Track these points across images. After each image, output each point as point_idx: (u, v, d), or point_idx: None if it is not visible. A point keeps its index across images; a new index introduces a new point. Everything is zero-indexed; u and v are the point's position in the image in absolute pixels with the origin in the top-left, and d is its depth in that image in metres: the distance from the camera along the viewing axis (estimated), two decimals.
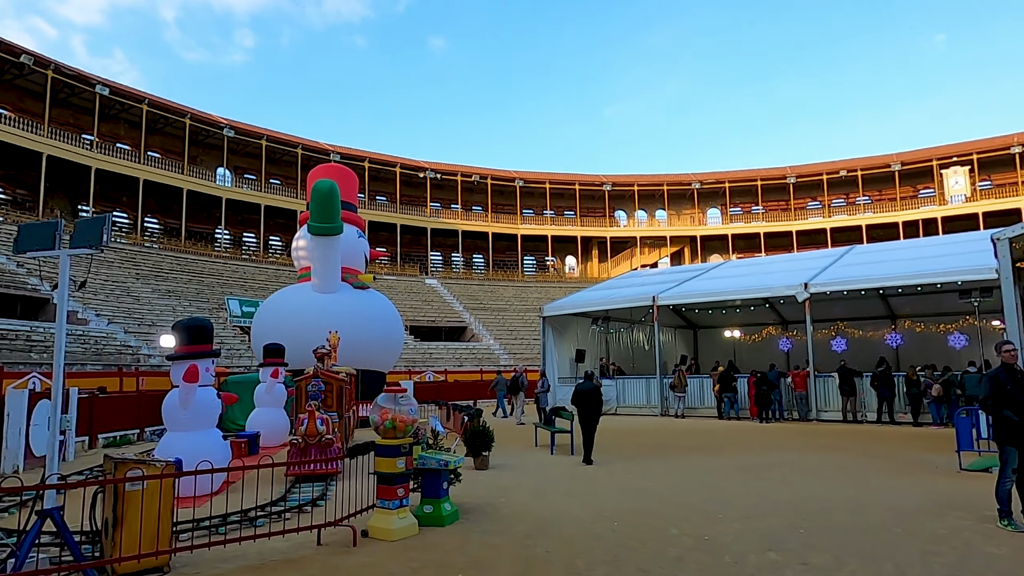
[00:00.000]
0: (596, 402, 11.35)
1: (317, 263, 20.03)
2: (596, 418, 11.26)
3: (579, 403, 11.37)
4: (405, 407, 6.38)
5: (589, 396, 11.37)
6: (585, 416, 11.25)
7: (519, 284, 51.77)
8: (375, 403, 6.44)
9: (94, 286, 27.84)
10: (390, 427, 6.26)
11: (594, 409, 11.25)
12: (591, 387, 11.54)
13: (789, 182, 53.10)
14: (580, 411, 11.35)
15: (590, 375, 12.24)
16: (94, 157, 35.42)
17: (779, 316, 28.08)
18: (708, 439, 14.58)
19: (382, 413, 6.31)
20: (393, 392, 6.46)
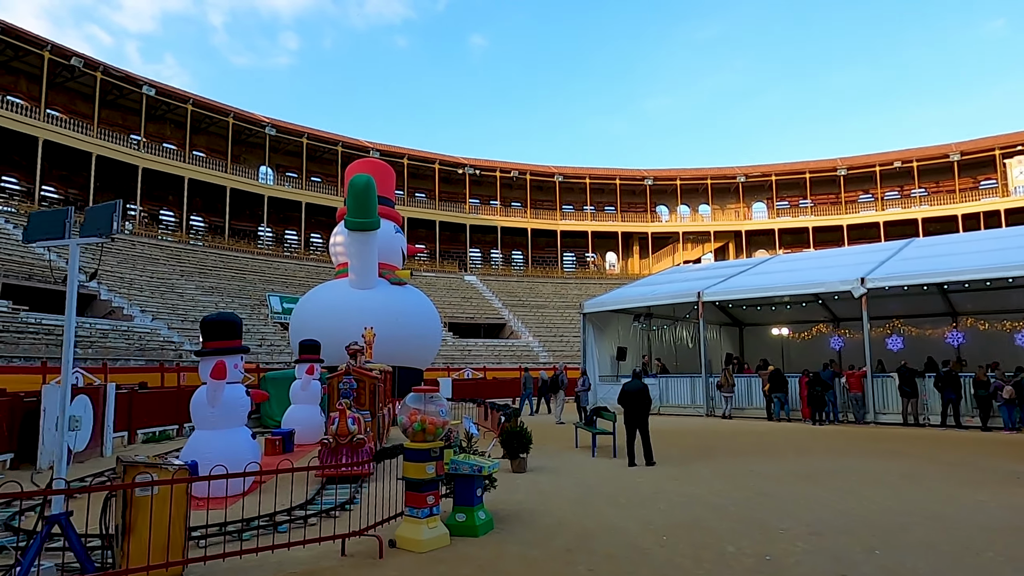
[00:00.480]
0: (644, 402, 10.83)
1: (354, 258, 19.85)
2: (645, 419, 10.77)
3: (626, 403, 10.87)
4: (435, 408, 5.92)
5: (637, 396, 10.85)
6: (633, 417, 10.76)
7: (558, 281, 51.13)
8: (403, 403, 6.00)
9: (140, 282, 28.34)
10: (419, 429, 5.81)
11: (642, 410, 10.75)
12: (639, 386, 11.00)
13: (840, 174, 51.13)
14: (627, 411, 10.84)
15: (638, 374, 11.67)
16: (141, 157, 36.16)
17: (830, 313, 26.92)
18: (759, 442, 13.80)
19: (410, 414, 5.87)
20: (422, 391, 6.00)
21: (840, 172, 51.08)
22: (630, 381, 11.28)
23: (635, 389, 10.92)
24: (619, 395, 11.06)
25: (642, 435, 10.68)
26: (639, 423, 10.70)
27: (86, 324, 21.44)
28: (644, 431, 10.70)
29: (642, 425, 10.69)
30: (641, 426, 10.68)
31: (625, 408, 10.88)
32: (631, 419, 10.73)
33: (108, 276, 27.11)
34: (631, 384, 11.11)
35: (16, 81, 33.93)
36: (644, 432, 10.68)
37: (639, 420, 10.70)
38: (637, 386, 10.99)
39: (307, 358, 14.96)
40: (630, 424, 10.75)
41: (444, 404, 6.02)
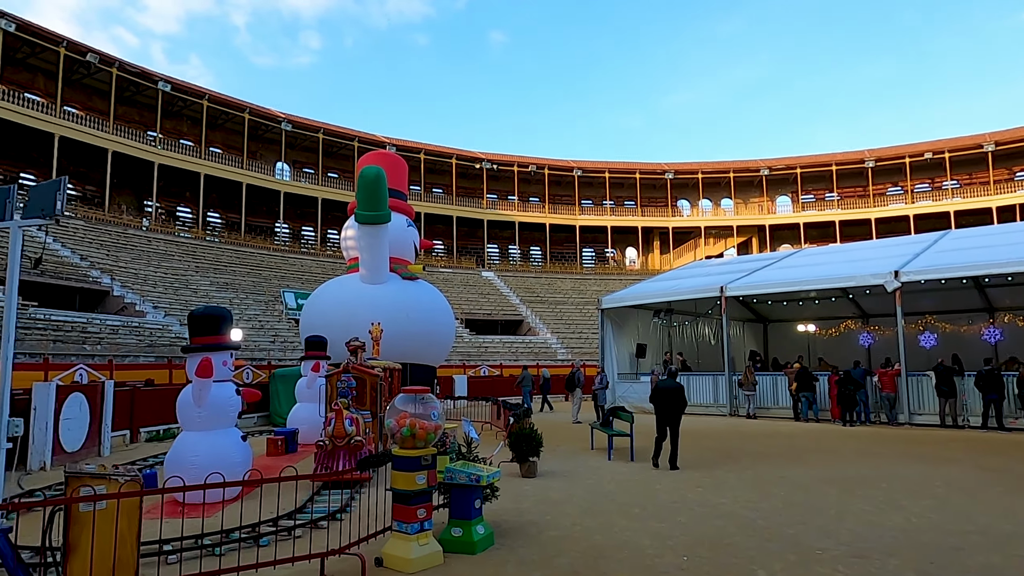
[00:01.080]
0: (679, 402, 10.30)
1: (364, 253, 19.30)
2: (678, 420, 10.26)
3: (659, 402, 10.35)
4: (427, 410, 5.29)
5: (671, 395, 10.30)
6: (665, 417, 10.25)
7: (577, 276, 50.31)
8: (391, 405, 5.38)
9: (153, 278, 28.16)
10: (408, 435, 5.19)
11: (677, 410, 10.23)
12: (674, 386, 10.44)
13: (867, 166, 49.61)
14: (660, 411, 10.33)
15: (673, 372, 11.06)
16: (158, 153, 36.07)
17: (859, 309, 25.94)
18: (787, 444, 13.00)
19: (399, 417, 5.25)
20: (412, 392, 5.38)
21: (868, 164, 49.57)
22: (664, 379, 10.77)
23: (670, 388, 10.41)
24: (651, 393, 10.61)
25: (672, 437, 10.22)
26: (671, 424, 10.18)
27: (96, 320, 21.20)
28: (675, 433, 10.23)
29: (674, 427, 10.21)
30: (673, 428, 10.20)
31: (657, 407, 10.39)
32: (663, 419, 10.23)
33: (121, 272, 26.95)
34: (665, 383, 10.58)
35: (33, 78, 33.98)
36: (674, 434, 10.22)
37: (672, 421, 10.20)
38: (672, 385, 10.46)
39: (313, 355, 14.49)
40: (661, 424, 10.23)
41: (437, 406, 5.39)
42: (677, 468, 9.93)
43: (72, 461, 11.10)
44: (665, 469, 9.95)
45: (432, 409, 5.32)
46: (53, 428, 10.42)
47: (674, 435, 10.27)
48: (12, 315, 4.76)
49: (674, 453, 10.17)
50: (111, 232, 31.85)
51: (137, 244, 31.87)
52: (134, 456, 12.08)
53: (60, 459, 10.73)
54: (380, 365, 11.54)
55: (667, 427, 10.27)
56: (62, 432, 10.75)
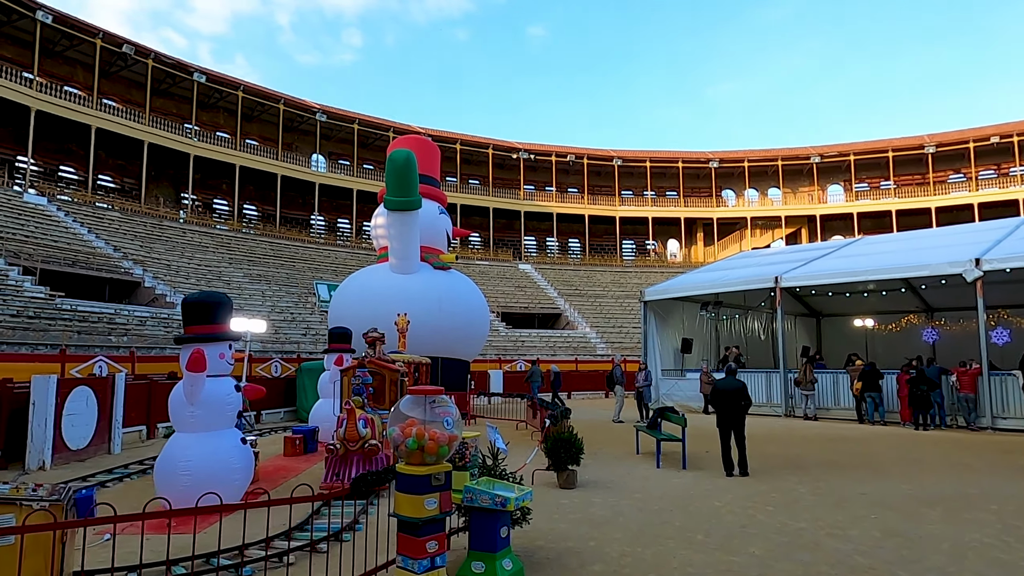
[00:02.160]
0: (742, 403, 9.31)
1: (394, 241, 18.39)
2: (743, 422, 9.29)
3: (721, 404, 9.39)
4: (438, 416, 4.19)
5: (734, 396, 9.33)
6: (728, 420, 9.27)
7: (617, 269, 48.79)
8: (394, 409, 4.30)
9: (186, 270, 27.85)
10: (414, 448, 4.10)
11: (740, 411, 9.28)
12: (736, 385, 9.45)
13: (927, 152, 46.79)
14: (722, 413, 9.36)
15: (733, 370, 10.00)
16: (193, 144, 35.94)
17: (922, 302, 24.07)
18: (858, 451, 11.55)
19: (404, 425, 4.16)
20: (421, 393, 4.29)
21: (928, 150, 46.75)
22: (724, 378, 9.81)
23: (731, 388, 9.44)
24: (711, 394, 9.72)
25: (737, 441, 9.29)
26: (736, 427, 9.27)
27: (124, 311, 20.80)
28: (740, 437, 9.29)
29: (739, 429, 9.28)
30: (738, 431, 9.28)
31: (719, 410, 9.43)
32: (726, 422, 9.29)
33: (154, 264, 26.69)
34: (725, 382, 9.63)
35: (73, 71, 34.11)
36: (740, 438, 9.29)
37: (736, 423, 9.27)
38: (733, 384, 9.47)
39: (336, 347, 13.55)
40: (724, 428, 9.30)
41: (452, 411, 4.28)
42: (747, 474, 9.04)
43: (78, 460, 10.40)
44: (727, 479, 8.72)
45: (445, 414, 4.22)
46: (54, 424, 9.69)
47: (740, 439, 9.31)
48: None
49: (742, 459, 9.21)
50: (146, 223, 31.76)
51: (172, 235, 31.71)
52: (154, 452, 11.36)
53: (63, 457, 10.02)
54: (404, 359, 10.55)
55: (731, 430, 9.28)
56: (65, 429, 10.02)
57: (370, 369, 8.38)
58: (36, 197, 27.90)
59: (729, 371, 10.12)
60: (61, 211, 27.68)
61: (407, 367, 10.48)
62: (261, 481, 8.84)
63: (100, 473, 9.23)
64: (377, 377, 8.51)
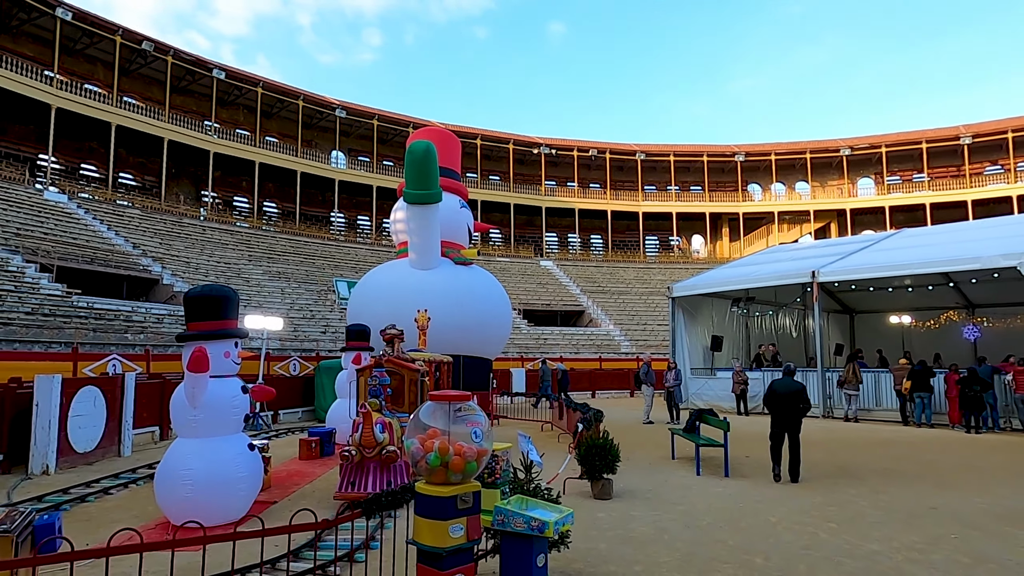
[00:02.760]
0: (801, 406, 8.74)
1: (413, 235, 17.81)
2: (799, 426, 8.77)
3: (777, 407, 8.83)
4: (466, 427, 3.54)
5: (792, 399, 8.73)
6: (784, 425, 8.75)
7: (640, 266, 47.86)
8: (414, 418, 3.66)
9: (206, 267, 27.58)
10: (437, 464, 3.45)
11: (798, 414, 8.72)
12: (794, 386, 8.80)
13: (963, 143, 45.15)
14: (777, 417, 8.83)
15: (791, 370, 9.30)
16: (212, 141, 35.74)
17: (963, 297, 22.98)
18: (912, 456, 10.71)
19: (425, 436, 3.51)
20: (446, 399, 3.64)
21: (963, 141, 45.12)
22: (781, 379, 9.09)
23: (789, 390, 8.80)
24: (766, 396, 9.05)
25: (792, 446, 8.74)
26: (791, 431, 8.76)
27: (141, 309, 20.49)
28: (795, 442, 8.76)
29: (795, 434, 8.77)
30: (793, 435, 8.77)
31: (774, 413, 8.89)
32: (782, 426, 8.78)
33: (173, 260, 26.45)
34: (783, 383, 8.97)
35: (94, 69, 34.06)
36: (795, 443, 8.76)
37: (792, 428, 8.75)
38: (792, 386, 8.84)
39: (354, 346, 13.02)
40: (778, 431, 8.82)
41: (482, 421, 3.63)
42: (797, 481, 8.56)
43: (85, 463, 9.95)
44: (776, 488, 8.00)
45: (474, 424, 3.57)
46: (59, 426, 9.23)
47: (794, 444, 8.74)
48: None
49: (795, 464, 8.65)
50: (165, 221, 31.59)
51: (191, 233, 31.51)
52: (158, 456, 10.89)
53: (69, 461, 9.56)
54: (424, 358, 9.93)
55: (786, 434, 8.77)
56: (72, 431, 9.56)
57: (388, 369, 7.77)
58: (57, 195, 27.81)
59: (787, 371, 9.45)
60: (81, 208, 27.56)
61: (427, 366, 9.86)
62: (273, 489, 8.29)
63: (106, 478, 8.75)
64: (395, 377, 7.90)
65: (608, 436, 7.56)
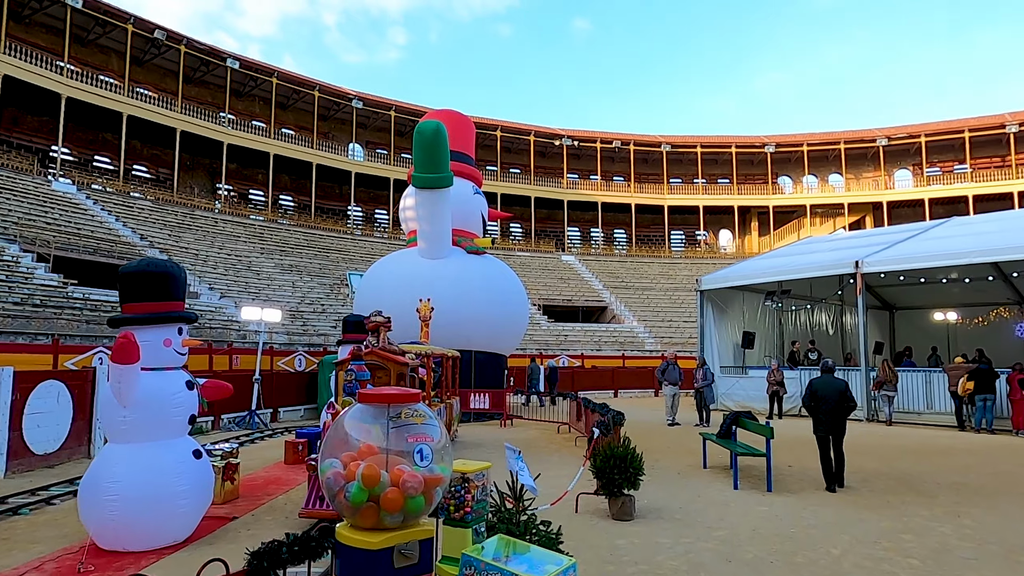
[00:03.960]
0: (847, 407, 7.81)
1: (423, 222, 16.73)
2: (844, 428, 7.85)
3: (820, 408, 7.86)
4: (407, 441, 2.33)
5: (836, 399, 7.76)
6: (830, 427, 7.76)
7: (666, 261, 46.27)
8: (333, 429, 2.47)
9: (215, 259, 26.82)
10: (361, 500, 2.25)
11: (843, 414, 7.80)
12: (837, 385, 7.87)
13: (1009, 131, 42.76)
14: (822, 420, 7.83)
15: (830, 367, 8.25)
16: (226, 133, 35.02)
17: (1015, 292, 21.25)
18: (984, 468, 9.26)
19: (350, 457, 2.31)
20: (378, 401, 2.43)
21: (1009, 129, 42.72)
22: (821, 377, 8.15)
23: (833, 390, 7.82)
24: (806, 397, 8.13)
25: (836, 450, 7.81)
26: (836, 434, 7.80)
27: None
28: (839, 445, 7.84)
29: (839, 437, 7.83)
30: (837, 438, 7.82)
31: (818, 415, 7.90)
32: (828, 429, 7.78)
33: (181, 252, 25.68)
34: (825, 381, 8.01)
35: (108, 60, 33.53)
36: (839, 446, 7.84)
37: (837, 430, 7.79)
38: (835, 385, 7.87)
39: (351, 338, 11.86)
40: (825, 436, 7.82)
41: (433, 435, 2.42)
42: (842, 486, 7.77)
43: (46, 465, 8.96)
44: (831, 506, 6.70)
45: (421, 439, 2.36)
46: (10, 424, 8.24)
47: (838, 448, 7.81)
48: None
49: (840, 469, 7.81)
50: (177, 213, 30.92)
51: (203, 225, 30.80)
52: None
53: (25, 463, 8.57)
54: (418, 350, 8.76)
55: (832, 438, 7.74)
56: (28, 430, 8.57)
57: (370, 362, 6.62)
58: (66, 185, 27.23)
59: (826, 368, 8.27)
60: (90, 199, 26.95)
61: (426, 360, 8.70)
62: (241, 499, 7.20)
63: (59, 485, 7.74)
64: (379, 372, 6.75)
65: (629, 443, 6.31)
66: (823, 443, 7.77)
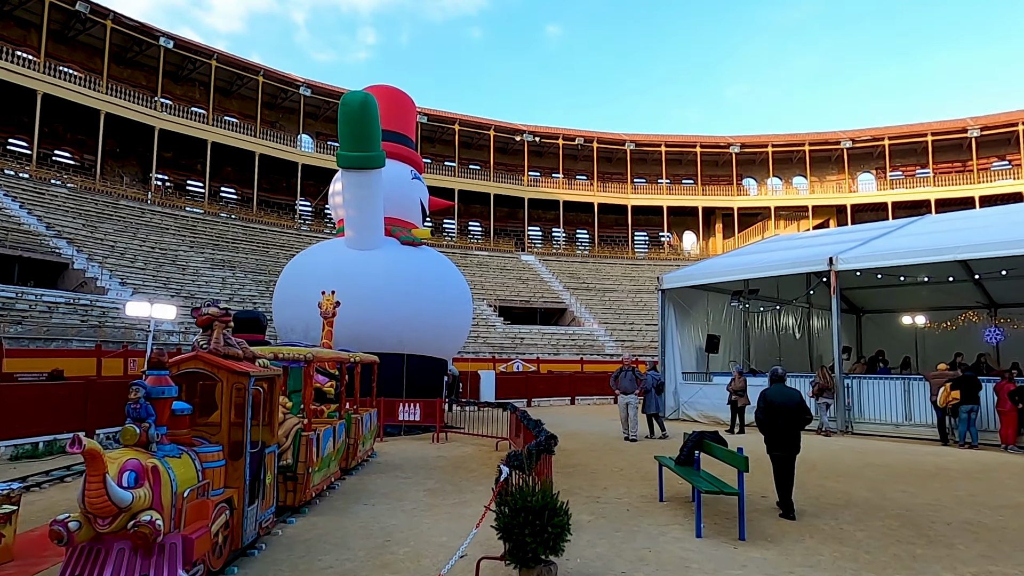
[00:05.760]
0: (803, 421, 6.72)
1: (350, 208, 14.74)
2: (799, 445, 6.72)
3: (775, 421, 6.70)
4: None
5: (791, 411, 6.63)
6: (785, 443, 6.65)
7: (628, 262, 44.88)
8: None
9: (133, 252, 24.30)
10: None
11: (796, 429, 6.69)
12: (794, 395, 6.72)
13: (970, 136, 42.54)
14: (776, 435, 6.70)
15: (781, 375, 6.99)
16: (158, 117, 32.38)
17: (985, 296, 20.27)
18: (996, 497, 7.67)
19: None
20: None
21: (971, 134, 42.50)
22: (774, 387, 6.95)
23: (789, 400, 6.68)
24: (758, 409, 6.89)
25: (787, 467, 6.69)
26: (789, 452, 6.67)
27: (30, 295, 17.22)
28: (790, 465, 6.68)
29: (792, 455, 6.69)
30: (790, 457, 6.68)
31: (772, 429, 6.74)
32: (783, 445, 6.66)
33: (94, 245, 23.17)
34: (778, 391, 6.83)
35: (26, 35, 30.68)
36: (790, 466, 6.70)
37: (791, 447, 6.68)
38: (791, 395, 6.74)
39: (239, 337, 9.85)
40: (780, 453, 6.68)
41: None
42: (794, 518, 6.51)
43: None
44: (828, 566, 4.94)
45: None
46: None
47: (790, 467, 6.66)
48: None
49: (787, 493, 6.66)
50: (98, 202, 28.25)
51: (128, 216, 28.19)
52: None
53: None
54: (295, 355, 6.78)
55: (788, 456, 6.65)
56: None
57: (191, 370, 4.67)
58: None
59: (776, 377, 7.22)
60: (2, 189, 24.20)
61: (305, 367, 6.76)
62: (15, 564, 5.15)
63: None
64: (207, 384, 4.80)
65: (550, 491, 4.45)
66: (781, 463, 6.59)
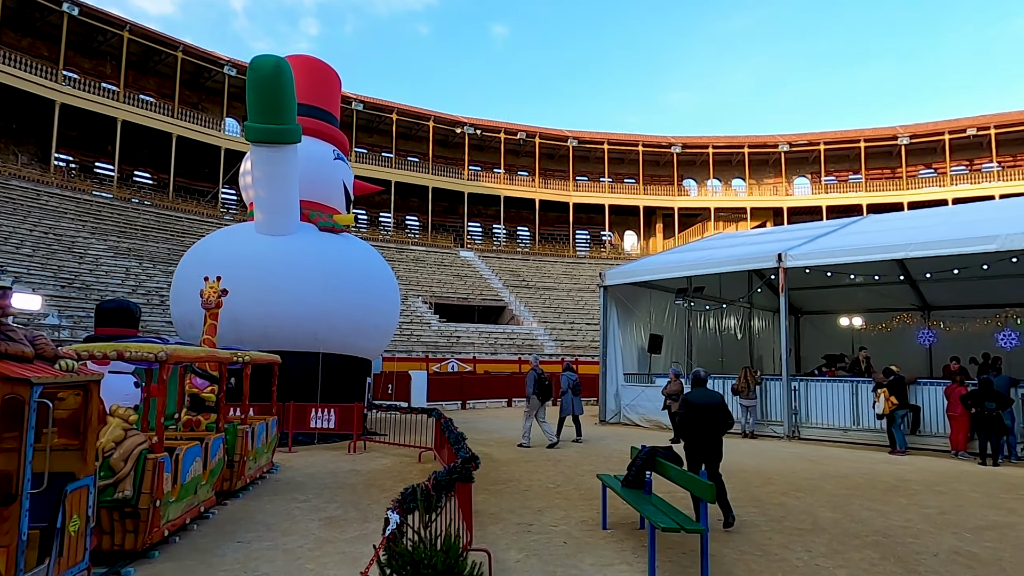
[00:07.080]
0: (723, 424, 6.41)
1: (260, 187, 13.04)
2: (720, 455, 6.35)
3: (696, 426, 6.40)
4: None
5: (713, 416, 6.35)
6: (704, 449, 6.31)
7: (569, 260, 44.13)
8: None
9: (20, 237, 21.68)
10: None
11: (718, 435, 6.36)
12: (716, 399, 6.47)
13: (900, 143, 43.72)
14: (695, 439, 6.39)
15: (703, 378, 6.92)
16: (59, 90, 29.43)
17: (919, 298, 20.24)
18: (971, 515, 6.83)
19: None
20: None
21: (901, 141, 43.69)
22: (695, 391, 6.73)
23: (711, 403, 6.45)
24: (682, 411, 6.70)
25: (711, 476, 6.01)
26: (712, 459, 6.29)
27: None
28: (716, 471, 6.29)
29: (716, 462, 6.32)
30: (714, 464, 6.30)
31: (692, 433, 6.45)
32: (702, 452, 6.32)
33: None
34: (699, 394, 6.60)
35: None
36: (716, 472, 6.25)
37: (713, 454, 6.31)
38: (713, 398, 6.52)
39: (108, 332, 8.16)
40: (695, 459, 6.35)
41: None
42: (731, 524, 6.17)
43: None
44: None
45: None
46: None
47: (717, 475, 6.23)
48: None
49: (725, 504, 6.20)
50: None
51: (17, 198, 25.34)
52: None
53: None
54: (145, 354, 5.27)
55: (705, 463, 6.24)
56: None
57: None
58: None
59: (698, 380, 6.93)
60: None
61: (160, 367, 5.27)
62: None
63: None
64: None
65: (457, 548, 3.15)
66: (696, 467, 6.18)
